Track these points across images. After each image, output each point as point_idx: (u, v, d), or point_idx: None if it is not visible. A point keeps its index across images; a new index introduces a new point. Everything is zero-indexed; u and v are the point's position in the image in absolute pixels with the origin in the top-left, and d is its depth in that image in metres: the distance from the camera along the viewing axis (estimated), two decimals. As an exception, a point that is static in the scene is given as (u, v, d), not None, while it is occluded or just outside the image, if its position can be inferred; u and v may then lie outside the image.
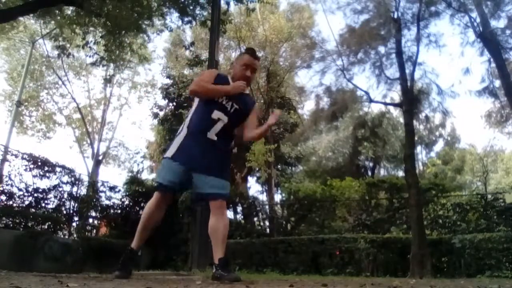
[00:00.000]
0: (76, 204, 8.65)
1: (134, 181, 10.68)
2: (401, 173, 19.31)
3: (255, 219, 12.99)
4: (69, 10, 9.01)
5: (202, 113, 2.84)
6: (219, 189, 2.75)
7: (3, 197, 7.17)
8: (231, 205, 11.64)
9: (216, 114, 2.79)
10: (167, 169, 2.79)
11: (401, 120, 14.78)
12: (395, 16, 9.84)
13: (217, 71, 3.11)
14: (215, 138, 2.77)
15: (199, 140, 2.76)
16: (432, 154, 28.44)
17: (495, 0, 9.14)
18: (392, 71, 10.12)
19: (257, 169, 15.23)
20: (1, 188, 7.13)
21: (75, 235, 8.42)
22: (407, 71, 9.48)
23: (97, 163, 19.13)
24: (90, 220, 9.63)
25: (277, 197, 16.84)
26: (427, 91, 10.64)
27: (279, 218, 12.71)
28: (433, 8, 9.88)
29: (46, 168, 7.97)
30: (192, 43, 11.66)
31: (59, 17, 8.90)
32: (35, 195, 7.68)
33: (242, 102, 2.91)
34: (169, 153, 2.80)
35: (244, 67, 2.96)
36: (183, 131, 2.85)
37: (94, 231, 9.81)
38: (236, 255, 8.47)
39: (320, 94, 12.14)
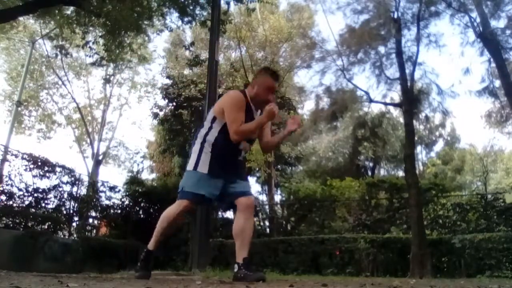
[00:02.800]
0: (76, 204, 8.65)
1: (134, 181, 10.69)
2: (401, 173, 19.33)
3: (255, 219, 12.99)
4: (68, 10, 9.01)
5: (228, 144, 2.83)
6: (248, 188, 2.90)
7: (3, 197, 7.16)
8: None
9: (243, 145, 2.90)
10: (204, 181, 2.80)
11: (401, 120, 14.78)
12: (395, 16, 9.83)
13: (242, 95, 2.90)
14: (241, 158, 3.00)
15: (227, 160, 2.87)
16: (432, 154, 28.46)
17: (495, 0, 9.13)
18: (392, 71, 10.13)
19: (257, 169, 15.23)
20: (1, 188, 7.13)
21: (75, 235, 8.41)
22: (407, 71, 9.48)
23: (97, 163, 19.12)
24: (90, 220, 9.63)
25: (277, 197, 16.86)
26: (427, 91, 10.63)
27: (279, 218, 12.71)
28: (433, 8, 9.87)
29: (46, 168, 7.97)
30: (192, 43, 11.66)
31: (58, 17, 8.90)
32: (35, 195, 7.68)
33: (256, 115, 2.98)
34: (202, 168, 2.80)
35: (268, 91, 2.91)
36: (205, 150, 2.84)
37: (94, 231, 9.81)
38: (236, 255, 8.45)
39: (320, 94, 12.12)
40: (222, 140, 2.83)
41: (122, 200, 10.05)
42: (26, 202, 7.55)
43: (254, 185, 20.14)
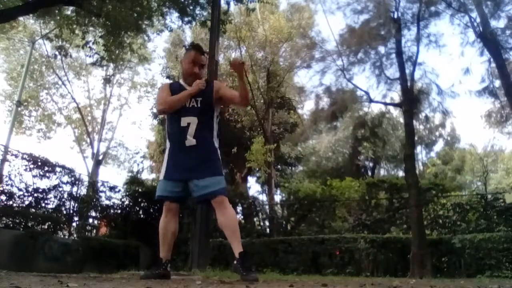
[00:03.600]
0: (76, 204, 8.65)
1: (134, 181, 10.68)
2: (401, 173, 19.32)
3: (255, 219, 12.99)
4: (68, 10, 9.00)
5: (172, 125, 2.93)
6: (213, 186, 2.78)
7: (3, 197, 7.16)
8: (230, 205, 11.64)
9: (184, 121, 2.86)
10: (164, 184, 2.91)
11: (401, 120, 14.79)
12: (395, 16, 9.84)
13: (168, 83, 3.17)
14: (194, 142, 2.82)
15: (181, 151, 2.86)
16: (432, 154, 28.46)
17: (495, 0, 9.13)
18: (392, 71, 10.13)
19: (257, 169, 15.23)
20: (1, 188, 7.13)
21: (75, 235, 8.42)
22: (407, 71, 9.48)
23: (97, 163, 19.12)
24: (90, 220, 9.63)
25: (277, 197, 16.85)
26: (427, 91, 10.64)
27: (279, 218, 12.70)
28: (433, 8, 9.87)
29: (46, 168, 7.97)
30: (192, 43, 11.64)
31: (58, 17, 8.90)
32: (35, 195, 7.68)
33: (201, 94, 2.93)
34: (161, 176, 2.95)
35: (192, 64, 2.98)
36: (167, 149, 2.99)
37: (94, 231, 9.81)
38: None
39: (320, 94, 12.14)
40: (169, 126, 2.99)
41: (122, 200, 10.05)
42: (26, 202, 7.55)
43: (254, 185, 20.17)
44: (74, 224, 8.74)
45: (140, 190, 10.22)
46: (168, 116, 3.02)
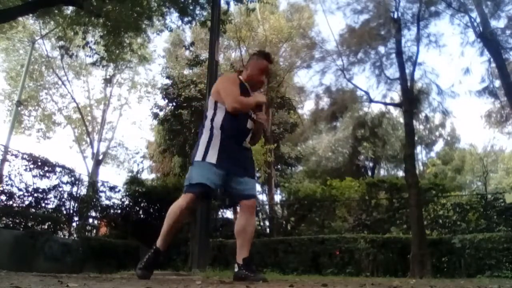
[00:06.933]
0: (76, 204, 8.65)
1: (134, 181, 10.68)
2: (401, 173, 19.32)
3: (255, 219, 12.98)
4: (68, 10, 9.01)
5: (237, 123, 2.81)
6: (253, 189, 2.88)
7: (3, 197, 7.16)
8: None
9: (250, 124, 2.88)
10: (211, 172, 2.70)
11: (401, 120, 14.78)
12: (395, 16, 9.82)
13: (236, 76, 2.97)
14: (249, 145, 2.95)
15: (237, 148, 2.83)
16: (432, 154, 28.47)
17: (495, 0, 9.13)
18: (392, 71, 10.12)
19: (257, 169, 15.23)
20: (1, 188, 7.13)
21: (75, 235, 8.42)
22: (407, 71, 9.47)
23: (97, 163, 19.13)
24: (90, 220, 9.64)
25: (277, 197, 16.85)
26: (427, 91, 10.63)
27: (279, 218, 12.70)
28: (433, 8, 9.87)
29: (46, 168, 7.97)
30: (192, 43, 11.65)
31: (58, 17, 8.90)
32: (35, 195, 7.69)
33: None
34: (211, 158, 2.71)
35: (261, 73, 2.97)
36: (215, 136, 2.78)
37: (94, 231, 9.82)
38: (236, 255, 8.45)
39: (320, 94, 12.12)
40: (229, 121, 2.79)
41: (122, 200, 10.06)
42: (26, 202, 7.56)
43: (254, 185, 20.14)
44: (74, 224, 8.75)
45: (140, 190, 10.22)
46: (226, 111, 2.84)
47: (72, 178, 8.65)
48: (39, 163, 7.85)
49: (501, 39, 9.22)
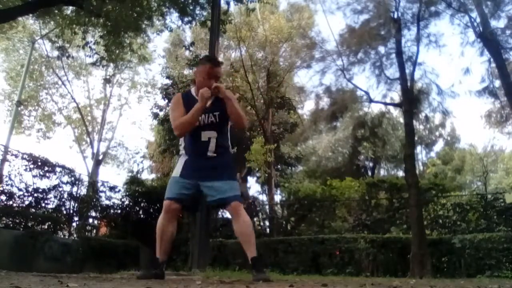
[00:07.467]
0: (76, 204, 8.65)
1: (134, 181, 10.68)
2: (401, 173, 19.32)
3: (255, 219, 12.98)
4: (68, 10, 9.00)
5: (193, 139, 2.90)
6: (230, 192, 2.82)
7: (3, 197, 7.16)
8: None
9: (205, 135, 2.87)
10: (174, 184, 2.88)
11: (401, 120, 14.77)
12: (395, 16, 9.83)
13: (180, 94, 3.10)
14: (214, 154, 2.89)
15: (200, 159, 2.89)
16: (432, 154, 28.47)
17: (495, 0, 9.13)
18: (392, 71, 10.12)
19: (256, 169, 15.23)
20: (1, 188, 7.13)
21: (75, 235, 8.42)
22: (407, 71, 9.47)
23: (97, 163, 19.12)
24: (90, 220, 9.64)
25: (277, 197, 16.85)
26: (427, 91, 10.63)
27: (279, 218, 12.70)
28: (433, 8, 9.87)
29: (46, 168, 7.97)
30: (192, 43, 11.64)
31: (58, 17, 8.89)
32: (35, 195, 7.68)
33: (217, 105, 2.89)
34: (176, 173, 2.92)
35: (207, 77, 2.87)
36: (182, 157, 2.98)
37: (94, 231, 9.81)
38: (236, 255, 8.42)
39: (320, 94, 12.13)
40: (188, 141, 2.95)
41: (122, 200, 10.05)
42: (26, 202, 7.55)
43: (254, 185, 20.15)
44: (74, 224, 8.75)
45: (140, 190, 10.22)
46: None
47: (72, 178, 8.65)
48: (39, 163, 7.85)
49: (501, 39, 9.21)
